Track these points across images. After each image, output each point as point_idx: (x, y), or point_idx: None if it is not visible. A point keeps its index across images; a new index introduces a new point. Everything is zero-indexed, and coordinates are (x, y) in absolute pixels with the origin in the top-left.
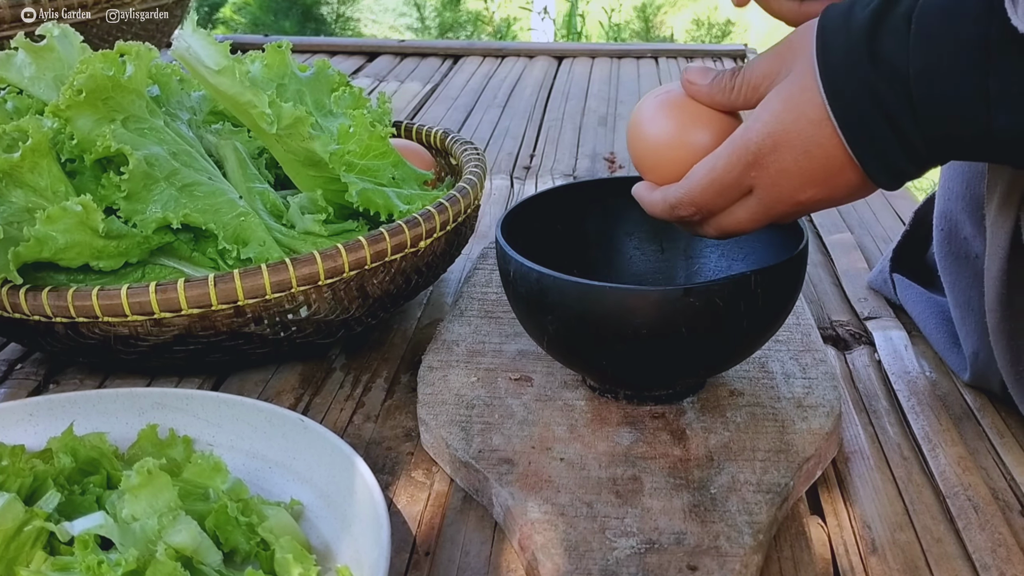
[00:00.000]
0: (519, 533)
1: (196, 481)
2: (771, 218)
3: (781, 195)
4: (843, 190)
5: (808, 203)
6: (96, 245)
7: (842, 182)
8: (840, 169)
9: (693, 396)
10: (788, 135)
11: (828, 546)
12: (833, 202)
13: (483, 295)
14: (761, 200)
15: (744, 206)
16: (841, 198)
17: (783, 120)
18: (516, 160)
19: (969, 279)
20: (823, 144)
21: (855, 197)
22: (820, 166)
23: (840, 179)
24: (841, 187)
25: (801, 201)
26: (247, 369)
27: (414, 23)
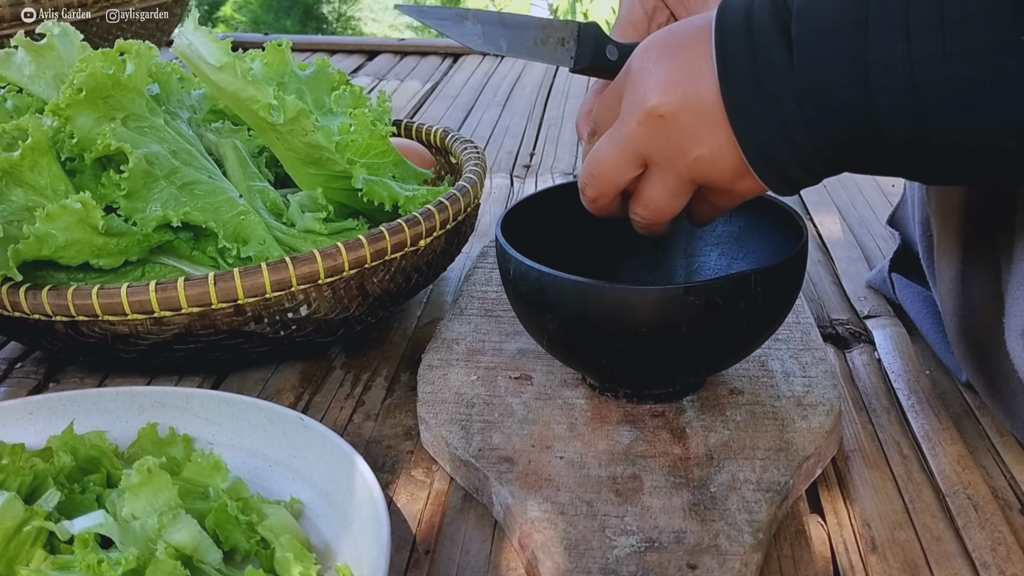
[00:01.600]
0: (519, 532)
1: (196, 480)
2: (623, 140)
3: (631, 99)
4: (691, 110)
5: (650, 116)
6: (96, 243)
7: (692, 96)
8: (697, 77)
9: (693, 395)
10: (664, 37)
11: (828, 544)
12: (676, 130)
13: (483, 294)
14: (622, 112)
15: (608, 130)
16: (686, 129)
17: (669, 27)
18: (516, 159)
19: None
20: (690, 47)
21: (701, 147)
22: (677, 66)
23: (690, 94)
24: (687, 108)
25: (645, 111)
26: (247, 368)
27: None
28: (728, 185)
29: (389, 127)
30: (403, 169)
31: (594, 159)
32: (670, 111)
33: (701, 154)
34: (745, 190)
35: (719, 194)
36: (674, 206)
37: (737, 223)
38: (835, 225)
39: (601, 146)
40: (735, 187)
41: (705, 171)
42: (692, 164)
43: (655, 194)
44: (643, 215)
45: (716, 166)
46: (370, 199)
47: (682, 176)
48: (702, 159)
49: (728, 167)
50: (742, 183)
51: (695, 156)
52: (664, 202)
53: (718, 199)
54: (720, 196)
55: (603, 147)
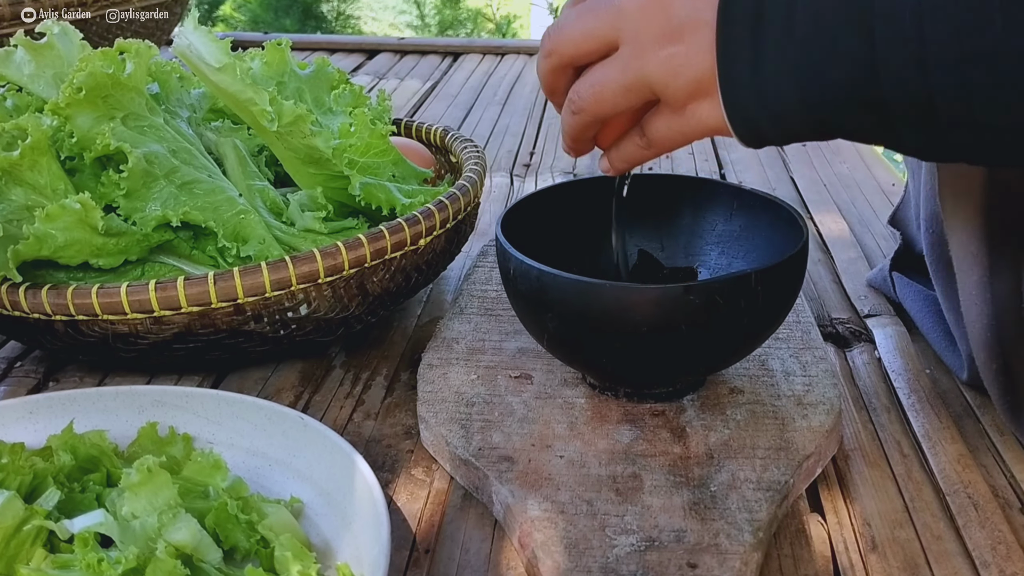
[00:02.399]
0: (519, 531)
1: (196, 479)
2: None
3: None
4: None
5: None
6: (95, 243)
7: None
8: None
9: (693, 394)
10: None
11: (828, 543)
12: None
13: (483, 293)
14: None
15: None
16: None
17: None
18: (516, 158)
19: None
20: None
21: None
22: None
23: None
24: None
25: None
26: (247, 367)
27: (414, 20)
28: (684, 101)
29: (389, 126)
30: (403, 168)
31: (561, 22)
32: None
33: (676, 51)
34: (697, 117)
35: (674, 112)
36: (617, 102)
37: (737, 222)
38: (835, 224)
39: (571, 11)
40: (688, 107)
41: (670, 73)
42: (662, 59)
43: (609, 77)
44: (583, 96)
45: (683, 72)
46: (368, 203)
47: (644, 70)
48: (674, 57)
49: (693, 77)
50: (698, 104)
51: (669, 52)
52: (612, 90)
53: (671, 119)
54: (671, 117)
55: (572, 12)
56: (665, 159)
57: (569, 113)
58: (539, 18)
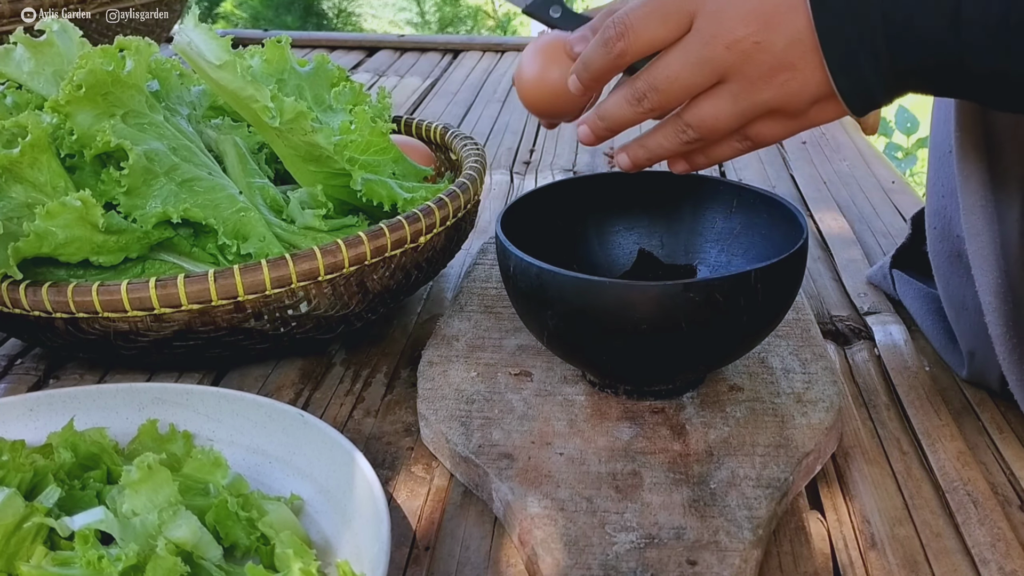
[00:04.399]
0: (519, 528)
1: (196, 476)
2: (702, 60)
3: (720, 26)
4: (783, 39)
5: (742, 43)
6: (96, 240)
7: (786, 31)
8: (789, 10)
9: (693, 391)
10: None
11: (827, 541)
12: (766, 58)
13: (483, 290)
14: (700, 31)
15: (680, 45)
16: (776, 55)
17: None
18: (516, 155)
19: (962, 278)
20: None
21: (788, 72)
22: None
23: (786, 24)
24: (781, 35)
25: (737, 39)
26: (247, 364)
27: (414, 18)
28: (804, 109)
29: (389, 124)
30: (403, 166)
31: (664, 74)
32: (766, 39)
33: (789, 78)
34: (820, 115)
35: (789, 118)
36: (732, 127)
37: (737, 220)
38: (835, 222)
39: (672, 62)
40: (810, 111)
41: (787, 96)
42: (777, 88)
43: (721, 111)
44: (696, 130)
45: (801, 91)
46: (369, 199)
47: (759, 100)
48: (790, 83)
49: (812, 92)
50: (819, 107)
51: (782, 80)
52: (726, 121)
53: (787, 123)
54: (790, 120)
55: (675, 63)
56: None
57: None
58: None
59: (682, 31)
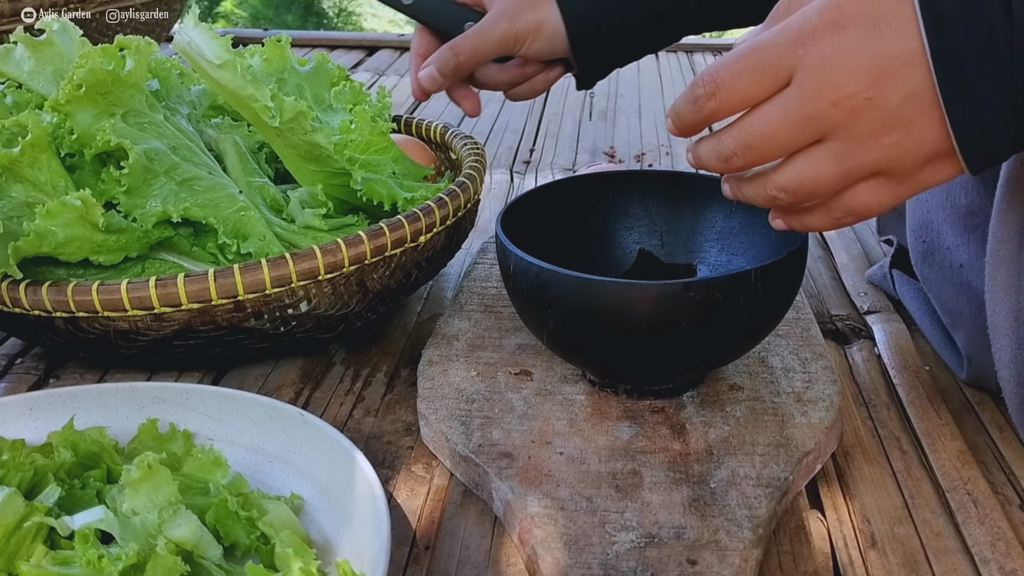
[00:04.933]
0: (519, 527)
1: (196, 475)
2: (804, 118)
3: (826, 81)
4: (897, 96)
5: (852, 99)
6: (96, 239)
7: (902, 85)
8: (905, 64)
9: (693, 390)
10: (859, 6)
11: (827, 540)
12: (877, 115)
13: (483, 290)
14: (801, 86)
15: (777, 100)
16: (889, 112)
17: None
18: (516, 155)
19: (955, 288)
20: (896, 24)
21: (900, 130)
22: (884, 51)
23: (901, 78)
24: (897, 93)
25: (847, 95)
26: (247, 364)
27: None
28: (915, 170)
29: (389, 123)
30: (403, 165)
31: (759, 132)
32: (879, 94)
33: (903, 137)
34: (932, 177)
35: (897, 182)
36: (834, 189)
37: (737, 219)
38: None
39: (769, 119)
40: (922, 173)
41: (900, 155)
42: (889, 147)
43: (821, 174)
44: (791, 194)
45: (915, 150)
46: (369, 198)
47: (867, 160)
48: (903, 142)
49: (927, 150)
50: (932, 168)
51: (895, 139)
52: (825, 185)
53: (892, 188)
54: (897, 185)
55: (772, 120)
56: (665, 156)
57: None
58: None
59: (779, 87)
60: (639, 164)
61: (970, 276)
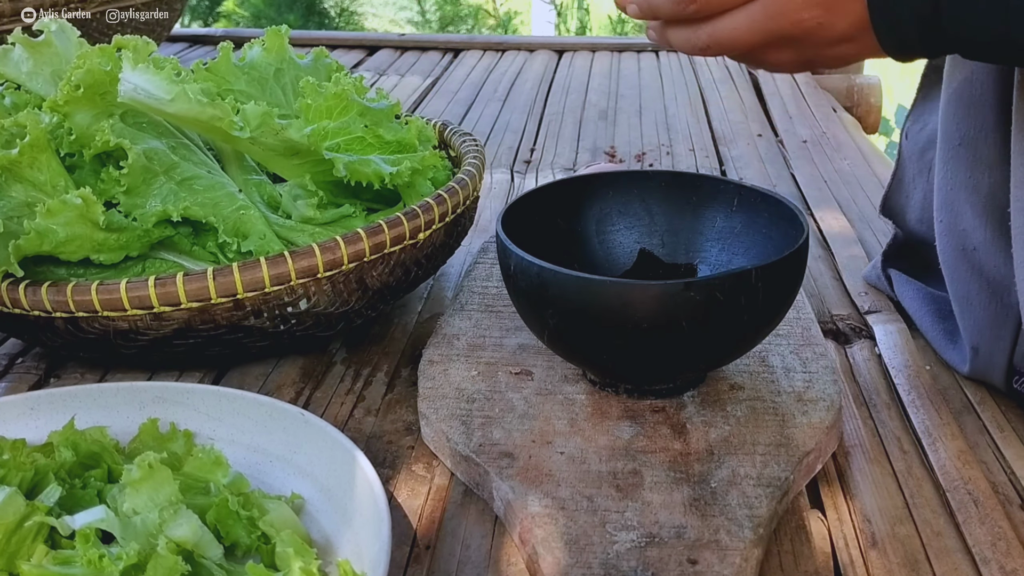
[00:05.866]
0: (519, 527)
1: (197, 475)
2: (766, 34)
3: (785, 5)
4: (842, 18)
5: (806, 27)
6: (97, 238)
7: (845, 8)
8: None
9: (693, 390)
10: None
11: (828, 540)
12: (830, 39)
13: (483, 289)
14: (765, 7)
15: (746, 11)
16: (837, 35)
17: None
18: (516, 154)
19: (968, 272)
20: None
21: (852, 47)
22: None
23: (845, 3)
24: (841, 14)
25: (801, 19)
26: (247, 363)
27: (415, 17)
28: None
29: (346, 78)
30: (371, 116)
31: (727, 35)
32: (826, 20)
33: (842, 50)
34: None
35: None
36: (792, 70)
37: (738, 219)
38: (836, 220)
39: (739, 24)
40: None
41: (838, 58)
42: (831, 55)
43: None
44: (756, 68)
45: (851, 56)
46: (357, 180)
47: (816, 57)
48: (841, 53)
49: (863, 55)
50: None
51: (836, 51)
52: (787, 66)
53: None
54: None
55: (741, 26)
56: (666, 156)
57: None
58: (540, 14)
59: None
60: (640, 164)
61: (984, 259)
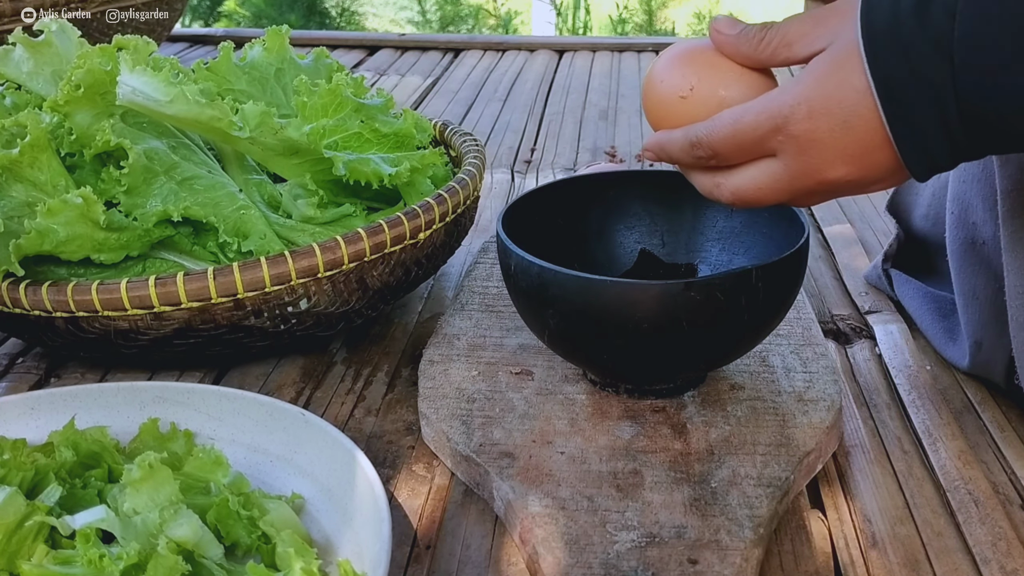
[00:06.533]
0: (520, 527)
1: (197, 475)
2: (793, 192)
3: (809, 167)
4: (875, 172)
5: (836, 183)
6: (97, 238)
7: (876, 162)
8: (877, 147)
9: (694, 390)
10: (828, 102)
11: (828, 540)
12: (861, 186)
13: (484, 289)
14: (787, 167)
15: (767, 171)
16: (870, 182)
17: (825, 86)
18: (517, 154)
19: (975, 266)
20: (864, 116)
21: (884, 185)
22: (857, 140)
23: (875, 158)
24: (873, 168)
25: (829, 180)
26: (248, 363)
27: (415, 17)
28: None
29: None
30: (366, 112)
31: (751, 194)
32: (857, 177)
33: (875, 188)
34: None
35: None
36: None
37: (738, 218)
38: (836, 220)
39: (762, 188)
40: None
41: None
42: (862, 192)
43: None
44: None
45: (882, 188)
46: (356, 180)
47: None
48: (873, 190)
49: (894, 185)
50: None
51: (869, 191)
52: (764, 196)
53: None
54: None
55: (766, 190)
56: None
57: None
58: (540, 14)
59: (765, 156)
60: (640, 164)
61: (992, 254)
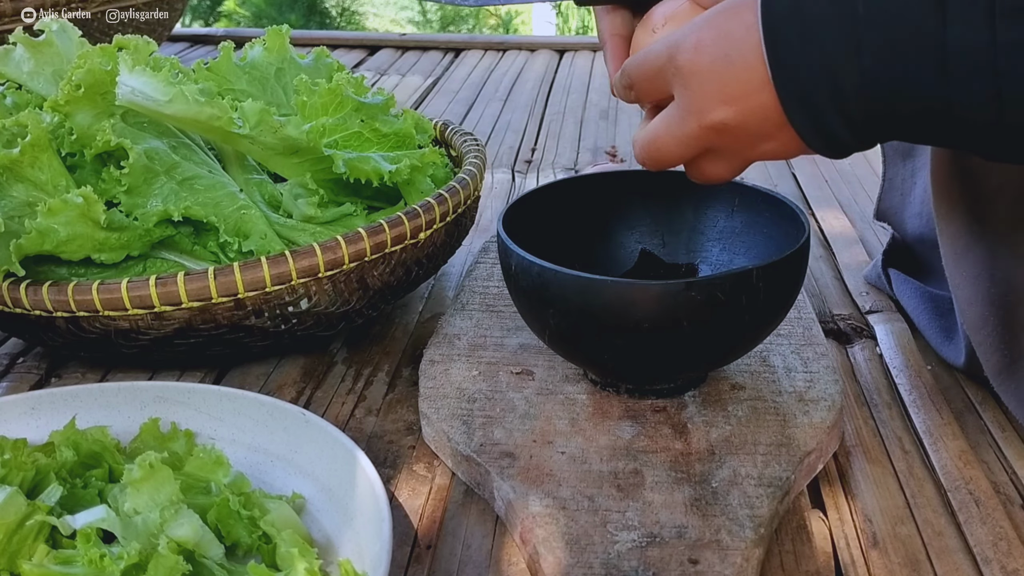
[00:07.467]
0: (520, 527)
1: (198, 475)
2: (685, 143)
3: (692, 104)
4: (757, 120)
5: (718, 128)
6: (98, 237)
7: (757, 106)
8: (757, 88)
9: (694, 390)
10: (716, 34)
11: (829, 539)
12: (747, 138)
13: (484, 289)
14: (676, 107)
15: (663, 116)
16: (755, 135)
17: (718, 19)
18: (517, 154)
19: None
20: (745, 52)
21: (775, 145)
22: (736, 77)
23: (756, 101)
24: (755, 114)
25: (711, 123)
26: (248, 363)
27: (415, 16)
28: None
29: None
30: (366, 111)
31: (652, 147)
32: (737, 121)
33: (768, 148)
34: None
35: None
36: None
37: (739, 218)
38: (837, 220)
39: (659, 136)
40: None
41: (769, 157)
42: (759, 155)
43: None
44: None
45: (780, 153)
46: (356, 178)
47: (746, 160)
48: (769, 151)
49: (792, 151)
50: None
51: (762, 150)
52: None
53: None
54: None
55: (661, 137)
56: None
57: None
58: (541, 14)
59: (671, 91)
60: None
61: None
